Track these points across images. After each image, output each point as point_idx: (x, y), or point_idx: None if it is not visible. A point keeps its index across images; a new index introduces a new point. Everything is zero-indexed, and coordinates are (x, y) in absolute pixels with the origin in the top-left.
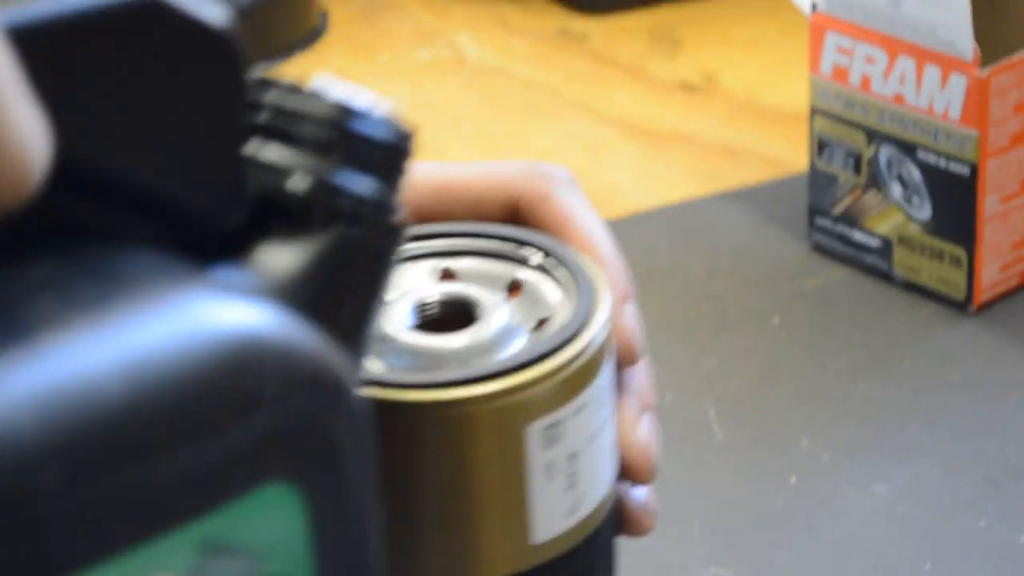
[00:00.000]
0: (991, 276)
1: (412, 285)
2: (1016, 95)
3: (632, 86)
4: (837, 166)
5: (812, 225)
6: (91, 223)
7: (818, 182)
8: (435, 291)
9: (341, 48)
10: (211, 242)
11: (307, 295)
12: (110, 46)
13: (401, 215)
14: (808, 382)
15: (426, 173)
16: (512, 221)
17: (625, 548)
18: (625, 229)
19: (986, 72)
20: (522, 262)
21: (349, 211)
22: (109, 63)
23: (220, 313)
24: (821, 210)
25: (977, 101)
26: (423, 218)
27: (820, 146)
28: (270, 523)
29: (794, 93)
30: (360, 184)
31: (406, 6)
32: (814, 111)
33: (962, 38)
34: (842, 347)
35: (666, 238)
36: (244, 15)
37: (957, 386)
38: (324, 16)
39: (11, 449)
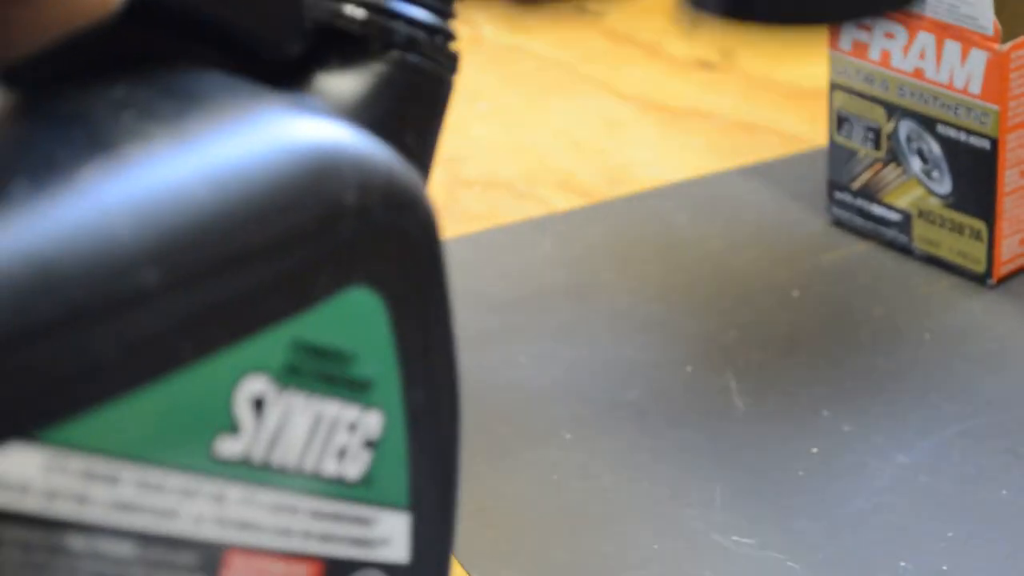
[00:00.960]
0: (1011, 249)
1: None
2: None
3: (650, 64)
4: (857, 141)
5: (831, 199)
6: (162, 52)
7: (838, 157)
8: None
9: None
10: (274, 71)
11: (369, 117)
12: None
13: (456, 41)
14: (828, 354)
15: None
16: None
17: (646, 516)
18: (644, 204)
19: (1007, 47)
20: None
21: (405, 37)
22: None
23: (297, 127)
24: (840, 184)
25: (997, 75)
26: None
27: (840, 121)
28: (356, 326)
29: (811, 70)
30: (415, 10)
31: None
32: (834, 86)
33: (983, 13)
34: (862, 320)
35: (685, 213)
36: None
37: (977, 358)
38: None
39: (112, 252)
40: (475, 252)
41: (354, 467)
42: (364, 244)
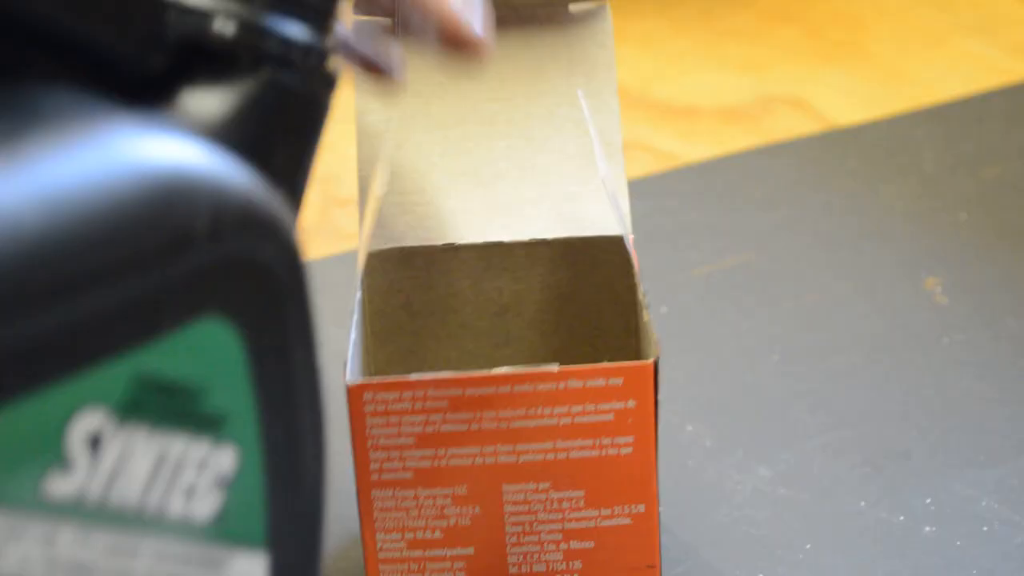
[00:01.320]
0: None
1: None
2: None
3: None
4: None
5: None
6: (6, 65)
7: None
8: None
9: None
10: (134, 87)
11: (236, 137)
12: None
13: (334, 61)
14: (694, 369)
15: None
16: None
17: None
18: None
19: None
20: None
21: (278, 55)
22: None
23: (146, 147)
24: None
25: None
26: None
27: None
28: (207, 358)
29: (686, 88)
30: (289, 27)
31: None
32: None
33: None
34: (726, 334)
35: None
36: None
37: (840, 372)
38: None
39: None
40: (347, 271)
41: (204, 506)
42: (217, 273)
